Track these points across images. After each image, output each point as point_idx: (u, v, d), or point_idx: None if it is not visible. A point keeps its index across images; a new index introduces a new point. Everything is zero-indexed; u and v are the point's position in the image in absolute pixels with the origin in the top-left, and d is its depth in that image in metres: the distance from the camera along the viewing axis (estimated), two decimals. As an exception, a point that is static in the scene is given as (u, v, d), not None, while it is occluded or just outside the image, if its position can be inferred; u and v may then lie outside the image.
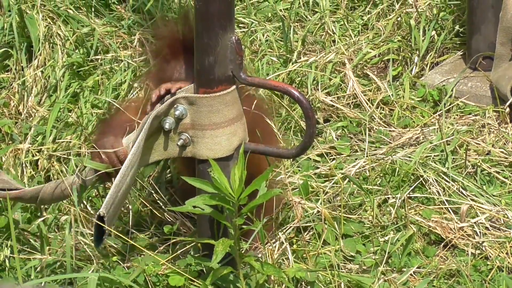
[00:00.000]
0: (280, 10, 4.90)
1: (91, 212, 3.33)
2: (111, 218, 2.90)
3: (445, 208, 3.49)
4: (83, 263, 3.05)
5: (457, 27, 4.60)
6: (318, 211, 3.39)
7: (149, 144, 2.94)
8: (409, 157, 3.74)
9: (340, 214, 3.37)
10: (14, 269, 3.10)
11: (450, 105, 4.20)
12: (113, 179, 2.99)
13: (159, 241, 3.23)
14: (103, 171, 2.98)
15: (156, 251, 3.15)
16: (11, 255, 3.13)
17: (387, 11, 4.84)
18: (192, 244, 3.08)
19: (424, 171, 3.61)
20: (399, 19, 4.68)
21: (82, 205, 3.27)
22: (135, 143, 2.91)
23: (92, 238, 3.08)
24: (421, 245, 3.35)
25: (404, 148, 3.89)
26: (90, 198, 3.45)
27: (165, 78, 3.05)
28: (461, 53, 4.54)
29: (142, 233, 3.29)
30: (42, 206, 3.41)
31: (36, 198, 3.07)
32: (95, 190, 3.43)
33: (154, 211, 3.28)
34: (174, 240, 3.10)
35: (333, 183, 3.57)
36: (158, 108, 2.90)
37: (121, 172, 2.90)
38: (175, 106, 2.90)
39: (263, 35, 4.66)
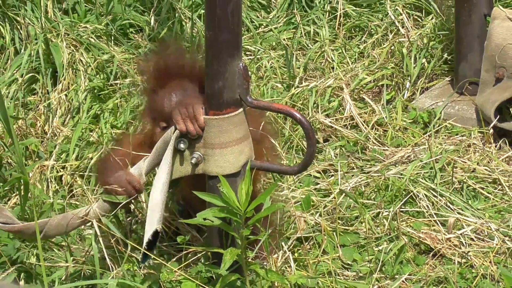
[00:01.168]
0: (284, 39, 4.90)
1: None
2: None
3: (433, 220, 3.49)
4: (103, 270, 3.02)
5: (445, 55, 4.59)
6: (318, 223, 3.40)
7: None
8: (401, 174, 3.74)
9: (337, 226, 3.38)
10: (40, 275, 3.08)
11: (438, 126, 4.19)
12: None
13: (172, 250, 3.22)
14: (124, 202, 2.93)
15: (169, 260, 3.15)
16: (37, 263, 3.12)
17: (381, 40, 4.82)
18: (202, 253, 3.08)
19: (415, 187, 3.62)
20: (392, 47, 4.67)
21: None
22: (165, 162, 2.87)
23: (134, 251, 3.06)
24: (412, 254, 3.36)
25: (397, 165, 3.89)
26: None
27: (157, 109, 3.03)
28: (449, 79, 4.53)
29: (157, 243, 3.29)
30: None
31: (40, 232, 2.89)
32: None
33: (168, 223, 3.28)
34: (187, 251, 3.07)
35: (332, 198, 3.56)
36: (177, 131, 2.89)
37: (162, 191, 2.86)
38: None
39: (268, 62, 4.66)
